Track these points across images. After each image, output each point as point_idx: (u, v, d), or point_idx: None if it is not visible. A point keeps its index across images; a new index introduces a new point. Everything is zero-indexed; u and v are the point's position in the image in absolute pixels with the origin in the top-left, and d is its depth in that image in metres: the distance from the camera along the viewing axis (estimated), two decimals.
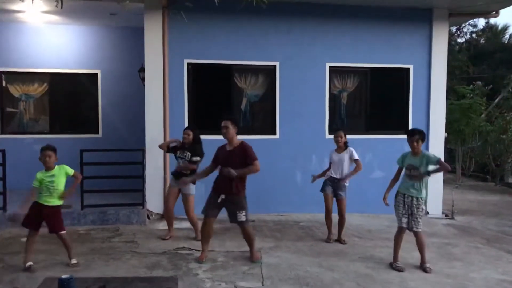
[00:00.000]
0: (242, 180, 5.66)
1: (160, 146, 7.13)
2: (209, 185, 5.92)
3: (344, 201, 6.81)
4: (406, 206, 5.72)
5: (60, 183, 5.41)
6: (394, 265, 5.77)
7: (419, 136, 5.72)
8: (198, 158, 6.70)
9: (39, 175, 5.39)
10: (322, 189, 6.94)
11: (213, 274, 5.31)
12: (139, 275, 5.12)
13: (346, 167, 6.84)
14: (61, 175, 5.43)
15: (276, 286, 5.00)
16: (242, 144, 5.72)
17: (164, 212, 7.27)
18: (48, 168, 5.40)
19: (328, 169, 6.99)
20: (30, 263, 5.33)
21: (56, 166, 5.45)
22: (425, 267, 5.71)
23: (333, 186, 6.84)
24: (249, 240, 5.84)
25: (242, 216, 5.62)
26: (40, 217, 5.36)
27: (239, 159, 5.58)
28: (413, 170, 5.70)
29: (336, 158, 6.87)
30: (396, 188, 5.94)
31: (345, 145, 6.91)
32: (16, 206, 5.34)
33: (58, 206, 5.46)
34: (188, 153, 6.69)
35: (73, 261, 5.52)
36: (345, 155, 6.83)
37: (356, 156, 6.81)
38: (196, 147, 6.73)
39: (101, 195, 7.78)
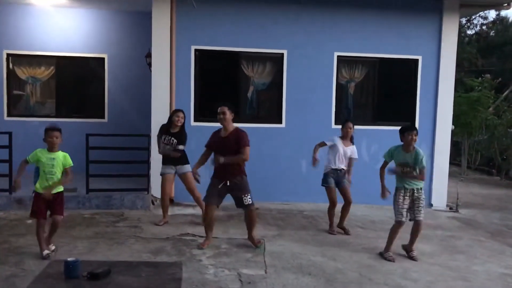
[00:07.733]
0: (242, 163, 5.67)
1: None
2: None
3: (348, 187, 6.79)
4: (407, 198, 5.68)
5: (59, 171, 5.14)
6: (385, 255, 5.74)
7: (417, 131, 5.67)
8: (183, 147, 6.63)
9: (40, 153, 5.08)
10: (325, 182, 6.78)
11: (216, 260, 5.34)
12: (143, 259, 5.15)
13: (347, 161, 6.82)
14: (61, 163, 5.14)
15: (279, 274, 5.02)
16: (237, 130, 5.68)
17: (161, 198, 6.95)
18: (53, 150, 5.12)
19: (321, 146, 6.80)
20: (47, 251, 5.12)
21: (60, 151, 5.16)
22: (413, 255, 5.76)
23: (336, 177, 6.78)
24: (252, 224, 5.85)
25: (248, 200, 5.68)
26: (46, 204, 5.12)
27: (234, 146, 5.57)
28: (406, 168, 5.67)
29: (342, 150, 6.74)
30: (389, 180, 5.88)
31: (351, 140, 6.89)
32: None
33: (62, 192, 5.28)
34: (174, 140, 6.61)
35: (52, 247, 5.32)
36: (350, 150, 6.81)
37: (356, 156, 6.86)
38: (183, 134, 6.67)
39: (106, 180, 7.81)
